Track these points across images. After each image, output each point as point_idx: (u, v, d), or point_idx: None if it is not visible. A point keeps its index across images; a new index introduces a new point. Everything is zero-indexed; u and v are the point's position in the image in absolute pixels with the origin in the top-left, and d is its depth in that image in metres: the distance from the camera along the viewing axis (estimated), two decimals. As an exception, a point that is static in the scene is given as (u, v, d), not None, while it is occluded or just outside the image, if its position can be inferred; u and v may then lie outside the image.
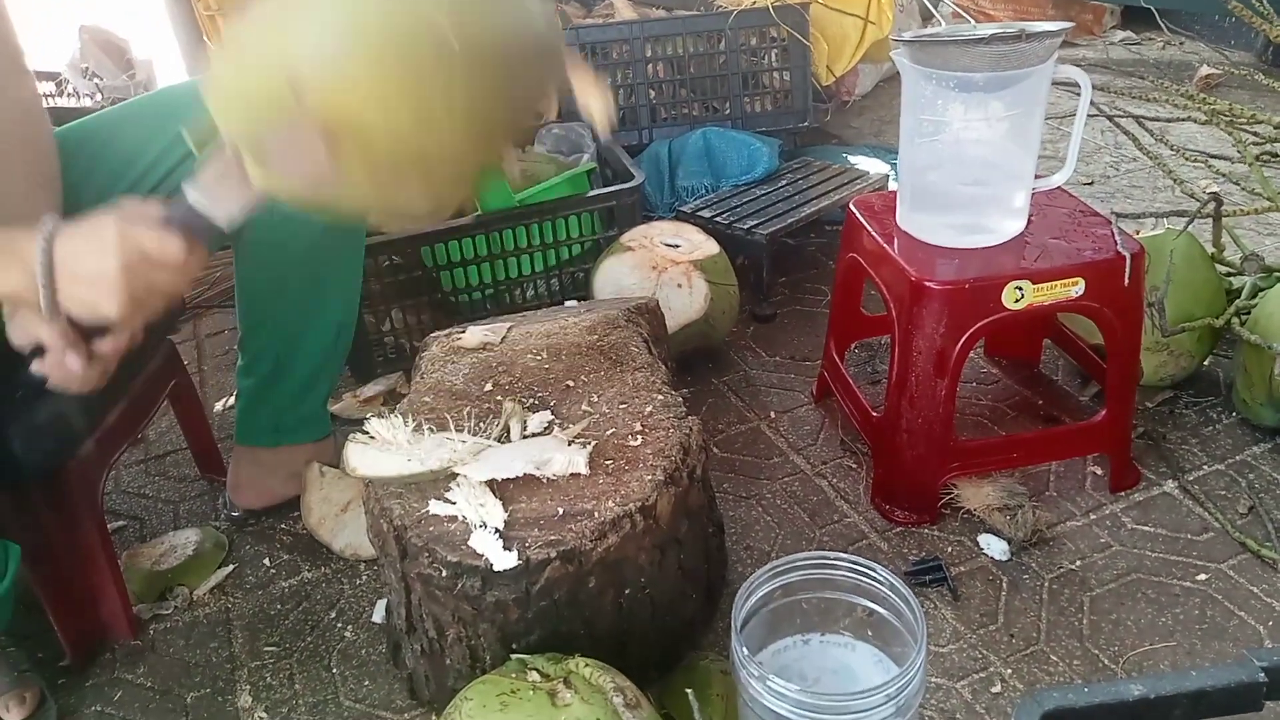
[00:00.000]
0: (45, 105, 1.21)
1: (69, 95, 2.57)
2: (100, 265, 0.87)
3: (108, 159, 1.22)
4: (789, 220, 1.92)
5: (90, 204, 1.18)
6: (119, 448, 1.31)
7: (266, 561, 1.42)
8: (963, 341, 1.27)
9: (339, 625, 1.30)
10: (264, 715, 1.18)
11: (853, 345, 1.70)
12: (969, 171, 1.34)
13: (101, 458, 1.26)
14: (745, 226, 1.90)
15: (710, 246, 1.75)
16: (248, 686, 1.23)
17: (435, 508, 0.98)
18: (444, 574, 0.95)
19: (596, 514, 0.97)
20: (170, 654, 1.28)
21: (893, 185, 2.10)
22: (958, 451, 1.36)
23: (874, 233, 1.40)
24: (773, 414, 1.64)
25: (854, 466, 1.50)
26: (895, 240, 1.37)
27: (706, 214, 1.96)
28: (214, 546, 1.44)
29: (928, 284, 1.26)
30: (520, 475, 0.99)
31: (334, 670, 1.24)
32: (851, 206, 1.48)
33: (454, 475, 1.01)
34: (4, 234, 0.91)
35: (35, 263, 0.86)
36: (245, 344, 1.39)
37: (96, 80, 2.61)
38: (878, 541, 1.36)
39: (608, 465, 1.02)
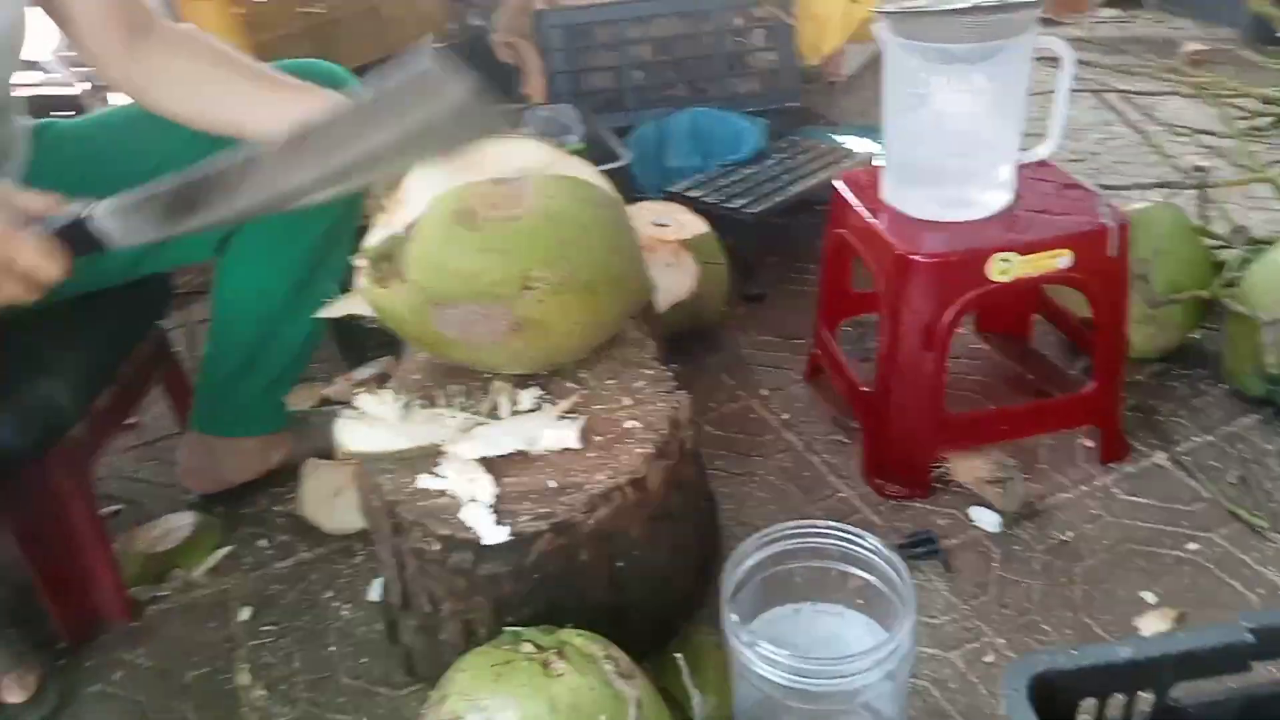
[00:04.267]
0: (30, 94, 1.20)
1: (55, 84, 2.56)
2: None
3: (105, 159, 1.21)
4: (776, 200, 1.91)
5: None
6: (109, 432, 1.31)
7: (263, 543, 1.42)
8: (950, 314, 1.28)
9: (336, 604, 1.30)
10: (263, 693, 1.19)
11: (843, 323, 1.70)
12: (952, 144, 1.34)
13: (92, 442, 1.26)
14: (733, 206, 1.89)
15: (699, 226, 1.75)
16: (246, 665, 1.23)
17: (425, 482, 0.98)
18: (436, 548, 0.95)
19: (587, 486, 0.97)
20: (168, 635, 1.29)
21: (879, 162, 2.10)
22: (947, 425, 1.36)
23: (860, 208, 1.40)
24: (764, 392, 1.64)
25: (846, 442, 1.51)
26: (881, 215, 1.37)
27: (695, 194, 1.95)
28: (210, 529, 1.44)
29: (913, 257, 1.27)
30: (511, 452, 1.00)
31: (332, 648, 1.24)
32: (837, 182, 1.49)
33: (444, 453, 1.01)
34: None
35: None
36: (217, 337, 1.38)
37: (81, 68, 2.59)
38: (870, 516, 1.37)
39: (597, 440, 1.03)
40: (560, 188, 1.03)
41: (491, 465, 1.00)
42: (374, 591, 1.30)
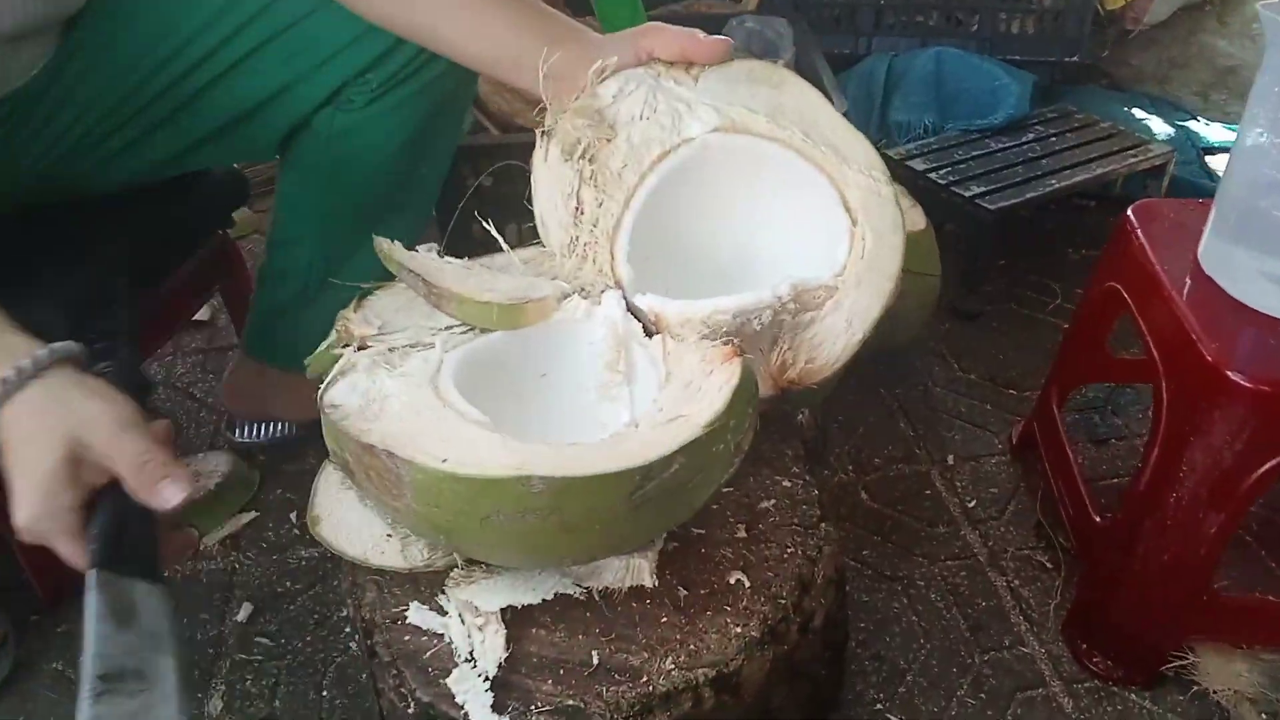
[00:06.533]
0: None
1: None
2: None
3: (141, 24, 0.94)
4: (1029, 194, 1.45)
5: (117, 73, 0.93)
6: (147, 346, 1.09)
7: (292, 517, 1.19)
8: (1267, 469, 0.84)
9: (345, 629, 1.05)
10: (230, 732, 0.96)
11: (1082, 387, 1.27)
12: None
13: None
14: (969, 192, 1.45)
15: (915, 217, 1.32)
16: (223, 687, 1.00)
17: (416, 615, 0.67)
18: (410, 709, 0.65)
19: (645, 675, 0.64)
20: (158, 614, 1.08)
21: (1179, 162, 1.58)
22: (1211, 608, 0.94)
23: (1155, 261, 0.95)
24: (951, 458, 1.24)
25: (1048, 567, 1.10)
26: (1189, 283, 0.93)
27: (919, 165, 1.52)
28: (242, 483, 1.22)
29: (1231, 375, 0.83)
30: (549, 597, 0.67)
31: (324, 693, 0.99)
32: (1129, 212, 1.04)
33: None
34: None
35: None
36: (276, 254, 1.13)
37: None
38: (1059, 695, 0.98)
39: (680, 594, 0.68)
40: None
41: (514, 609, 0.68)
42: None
